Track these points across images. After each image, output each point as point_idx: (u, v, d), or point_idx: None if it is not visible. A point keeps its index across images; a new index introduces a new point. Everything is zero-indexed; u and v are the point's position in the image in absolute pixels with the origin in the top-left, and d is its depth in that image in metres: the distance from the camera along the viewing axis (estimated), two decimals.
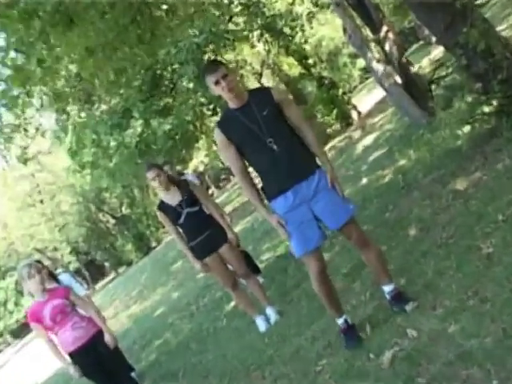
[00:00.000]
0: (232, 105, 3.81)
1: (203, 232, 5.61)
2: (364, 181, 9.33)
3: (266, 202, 3.93)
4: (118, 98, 15.26)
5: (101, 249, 47.86)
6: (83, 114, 15.94)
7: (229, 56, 18.90)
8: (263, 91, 3.89)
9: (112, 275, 46.94)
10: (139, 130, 17.75)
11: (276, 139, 3.69)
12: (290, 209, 3.78)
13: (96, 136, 16.84)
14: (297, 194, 3.75)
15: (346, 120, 19.77)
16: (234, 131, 3.77)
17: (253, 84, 24.90)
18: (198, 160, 35.63)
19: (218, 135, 3.82)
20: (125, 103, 15.94)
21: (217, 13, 15.20)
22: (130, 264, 42.06)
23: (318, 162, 3.91)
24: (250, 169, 3.97)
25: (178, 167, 20.42)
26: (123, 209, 42.90)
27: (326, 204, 3.79)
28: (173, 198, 5.60)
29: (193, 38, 15.23)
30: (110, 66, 6.60)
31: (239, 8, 17.36)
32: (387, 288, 4.13)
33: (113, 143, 17.65)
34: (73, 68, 7.96)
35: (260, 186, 3.96)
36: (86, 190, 37.91)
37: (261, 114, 3.71)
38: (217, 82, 3.75)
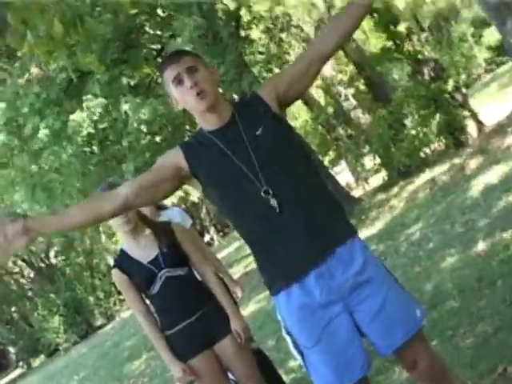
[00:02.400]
0: (205, 124, 2.51)
1: (191, 312, 3.62)
2: (481, 246, 6.44)
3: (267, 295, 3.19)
4: (63, 61, 9.94)
5: (2, 321, 28.10)
6: None
7: (260, 7, 13.35)
8: (251, 98, 2.60)
9: (17, 372, 27.56)
10: (98, 112, 11.53)
11: (278, 186, 2.38)
12: (314, 311, 2.38)
13: (13, 114, 10.85)
14: (325, 284, 2.38)
15: (456, 136, 12.95)
16: (204, 165, 2.46)
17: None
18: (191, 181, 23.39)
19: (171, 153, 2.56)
20: (74, 71, 10.06)
21: None
22: (52, 353, 25.25)
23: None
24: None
25: None
26: (51, 254, 26.92)
27: (377, 307, 2.39)
28: (143, 249, 3.64)
29: None
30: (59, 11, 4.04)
31: None
32: None
33: (44, 131, 11.17)
34: None
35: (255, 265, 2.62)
36: None
37: (251, 134, 2.44)
38: (177, 79, 2.44)
